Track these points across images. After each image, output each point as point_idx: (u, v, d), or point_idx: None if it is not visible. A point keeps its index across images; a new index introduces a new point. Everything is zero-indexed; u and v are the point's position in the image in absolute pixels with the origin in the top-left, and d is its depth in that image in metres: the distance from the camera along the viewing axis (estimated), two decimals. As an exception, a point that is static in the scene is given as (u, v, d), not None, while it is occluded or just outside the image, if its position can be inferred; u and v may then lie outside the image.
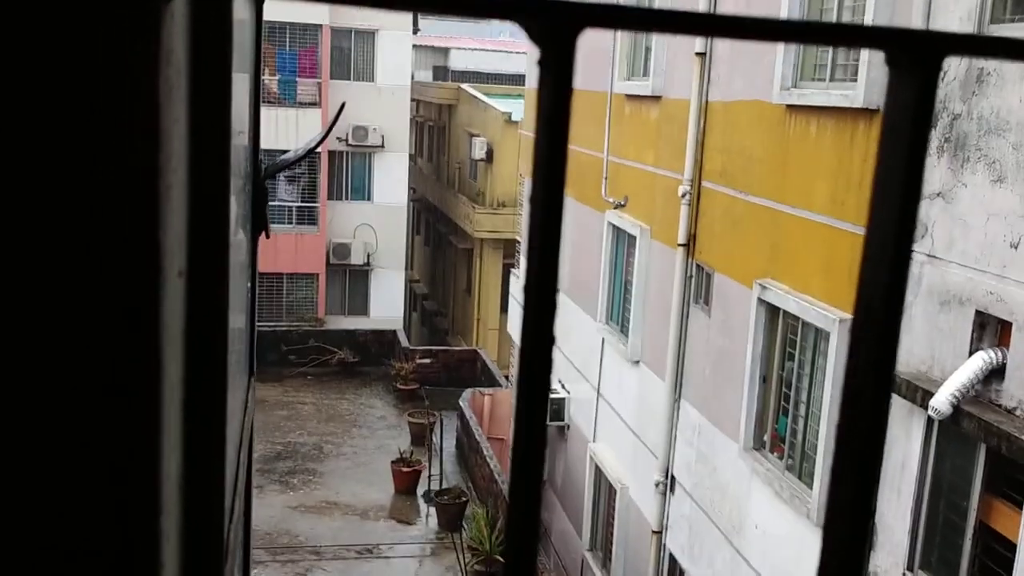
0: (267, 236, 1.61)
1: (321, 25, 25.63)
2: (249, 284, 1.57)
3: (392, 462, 18.20)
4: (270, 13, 27.23)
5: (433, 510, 17.15)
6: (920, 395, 6.52)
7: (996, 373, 6.08)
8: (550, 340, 0.47)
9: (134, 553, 0.47)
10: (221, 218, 0.67)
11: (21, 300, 0.42)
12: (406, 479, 17.96)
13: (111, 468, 0.44)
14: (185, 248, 0.57)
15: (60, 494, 0.43)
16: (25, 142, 0.42)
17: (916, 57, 0.48)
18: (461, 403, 19.65)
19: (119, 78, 0.41)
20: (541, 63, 0.46)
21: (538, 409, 0.47)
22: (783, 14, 8.69)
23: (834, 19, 8.24)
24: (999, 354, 6.06)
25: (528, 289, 0.48)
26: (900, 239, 0.49)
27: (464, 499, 16.96)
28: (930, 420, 6.56)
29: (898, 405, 7.00)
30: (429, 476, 17.93)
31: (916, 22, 6.89)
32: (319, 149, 25.66)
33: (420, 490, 18.04)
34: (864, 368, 0.51)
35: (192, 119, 0.58)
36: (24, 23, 0.41)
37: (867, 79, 7.45)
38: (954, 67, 6.55)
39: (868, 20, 7.46)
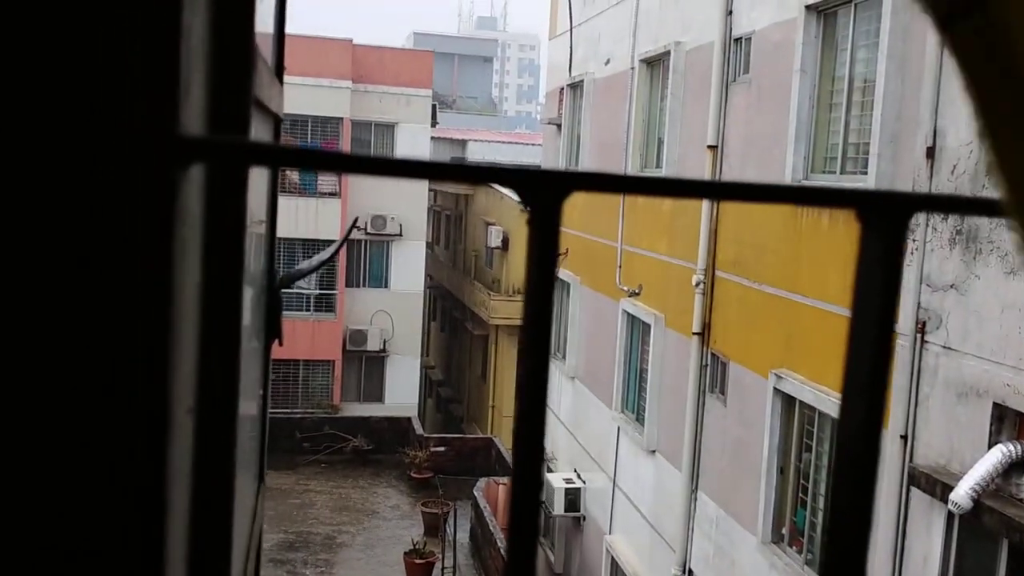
0: (280, 344, 1.65)
1: (342, 118, 26.20)
2: (261, 391, 1.60)
3: (405, 553, 17.91)
4: (292, 106, 27.74)
5: (446, 603, 16.80)
6: (940, 489, 6.42)
7: (1016, 466, 5.99)
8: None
9: None
10: (232, 357, 0.70)
11: (35, 456, 0.45)
12: (419, 571, 17.65)
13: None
14: (194, 386, 0.60)
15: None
16: (46, 299, 0.45)
17: (884, 215, 0.51)
18: (475, 492, 19.41)
19: (134, 241, 0.44)
20: (530, 223, 0.49)
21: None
22: (792, 119, 8.85)
23: (842, 121, 8.37)
24: (1019, 447, 5.98)
25: (517, 435, 0.50)
26: (873, 394, 0.51)
27: (478, 592, 16.63)
28: (951, 515, 6.45)
29: (918, 499, 6.89)
30: (443, 568, 17.61)
31: (924, 117, 6.99)
32: (337, 238, 25.96)
33: (433, 582, 17.70)
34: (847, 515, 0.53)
35: (206, 268, 0.62)
36: (44, 191, 0.45)
37: (878, 170, 7.54)
38: (963, 160, 6.63)
39: (876, 116, 7.58)
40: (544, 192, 0.48)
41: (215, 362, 0.68)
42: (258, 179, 1.36)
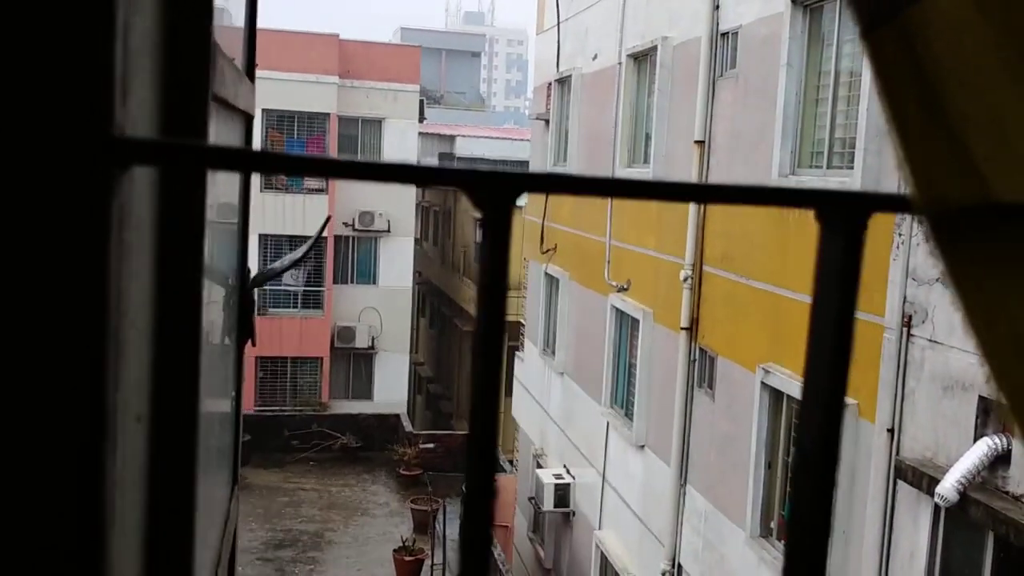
0: (253, 344, 1.63)
1: (329, 114, 26.13)
2: (234, 393, 1.58)
3: (394, 550, 17.90)
4: (279, 102, 27.64)
5: (436, 600, 16.80)
6: (926, 482, 6.45)
7: (1002, 459, 6.02)
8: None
9: None
10: (190, 363, 0.68)
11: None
12: (409, 568, 17.64)
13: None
14: (148, 393, 0.59)
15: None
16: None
17: (844, 215, 0.50)
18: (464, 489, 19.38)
19: (65, 244, 0.43)
20: (481, 224, 0.49)
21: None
22: (778, 114, 8.86)
23: (829, 116, 8.39)
24: (1004, 440, 6.00)
25: (469, 441, 0.49)
26: (834, 388, 0.51)
27: (468, 588, 16.62)
28: (937, 508, 6.47)
29: (904, 492, 6.91)
30: (432, 565, 17.61)
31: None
32: (324, 233, 25.91)
33: (423, 579, 17.70)
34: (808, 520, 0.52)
35: (160, 268, 0.60)
36: None
37: (864, 166, 7.55)
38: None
39: (863, 111, 7.59)
40: (494, 193, 0.47)
41: (172, 367, 0.66)
42: (229, 179, 1.35)
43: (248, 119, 1.52)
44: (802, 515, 0.53)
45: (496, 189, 0.47)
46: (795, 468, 0.54)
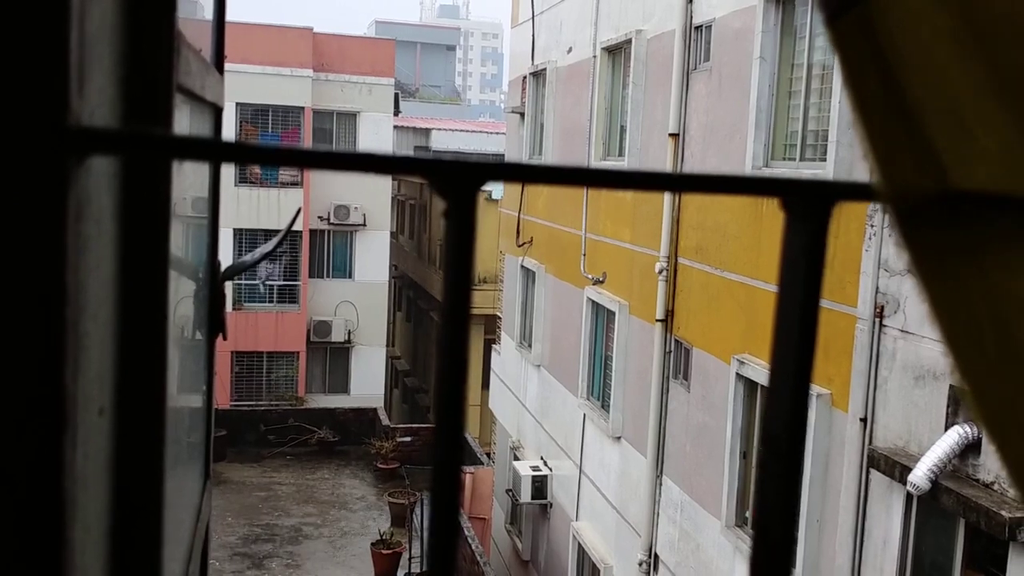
0: (224, 338, 1.62)
1: (303, 107, 25.98)
2: (206, 387, 1.57)
3: (372, 544, 17.88)
4: (253, 95, 27.45)
5: (414, 593, 16.80)
6: (899, 470, 6.51)
7: (972, 447, 6.09)
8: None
9: None
10: (156, 356, 0.68)
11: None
12: (386, 562, 17.62)
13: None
14: (110, 385, 0.58)
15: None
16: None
17: (809, 204, 0.51)
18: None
19: (17, 236, 0.42)
20: (445, 214, 0.48)
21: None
22: (752, 107, 8.90)
23: (802, 108, 8.44)
24: (975, 428, 6.07)
25: (437, 426, 0.49)
26: (799, 375, 0.51)
27: (446, 581, 16.62)
28: (909, 496, 6.54)
29: (877, 481, 6.98)
30: (410, 558, 17.60)
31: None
32: (299, 228, 25.78)
33: (400, 573, 17.68)
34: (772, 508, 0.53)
35: (124, 261, 0.59)
36: None
37: (836, 158, 7.60)
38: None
39: (835, 103, 7.64)
40: (458, 182, 0.47)
41: (138, 360, 0.66)
42: (197, 171, 1.33)
43: (217, 111, 1.50)
44: (769, 498, 0.53)
45: (460, 177, 0.47)
46: (762, 453, 0.54)
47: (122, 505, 0.62)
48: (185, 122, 1.10)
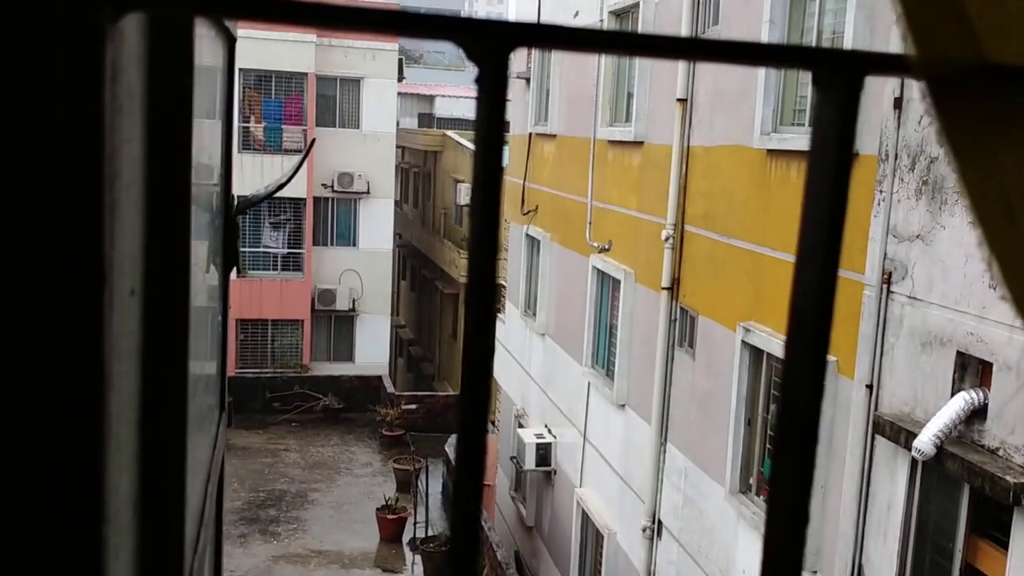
0: (239, 273, 1.62)
1: (307, 73, 25.84)
2: (220, 318, 1.57)
3: (377, 509, 18.02)
4: (256, 62, 27.24)
5: (419, 558, 16.95)
6: (904, 436, 6.53)
7: (978, 413, 6.10)
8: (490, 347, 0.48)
9: (76, 564, 0.47)
10: (181, 238, 0.68)
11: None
12: (392, 527, 17.77)
13: (51, 478, 0.45)
14: (141, 268, 0.58)
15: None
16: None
17: (839, 75, 0.50)
18: (447, 449, 19.53)
19: (59, 96, 0.42)
20: (477, 80, 0.48)
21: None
22: (761, 71, 8.82)
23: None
24: (981, 394, 6.08)
25: (470, 291, 0.49)
26: (828, 251, 0.51)
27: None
28: (914, 461, 6.56)
29: (882, 446, 7.00)
30: (415, 523, 17.75)
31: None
32: (303, 195, 25.75)
33: (406, 538, 17.84)
34: (799, 379, 0.53)
35: (150, 141, 0.59)
36: None
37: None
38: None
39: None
40: (491, 44, 0.46)
41: (164, 230, 0.66)
42: (210, 124, 1.33)
43: (231, 41, 1.50)
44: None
45: (492, 38, 0.46)
46: (787, 339, 0.54)
47: (150, 382, 0.63)
48: (202, 50, 1.10)
